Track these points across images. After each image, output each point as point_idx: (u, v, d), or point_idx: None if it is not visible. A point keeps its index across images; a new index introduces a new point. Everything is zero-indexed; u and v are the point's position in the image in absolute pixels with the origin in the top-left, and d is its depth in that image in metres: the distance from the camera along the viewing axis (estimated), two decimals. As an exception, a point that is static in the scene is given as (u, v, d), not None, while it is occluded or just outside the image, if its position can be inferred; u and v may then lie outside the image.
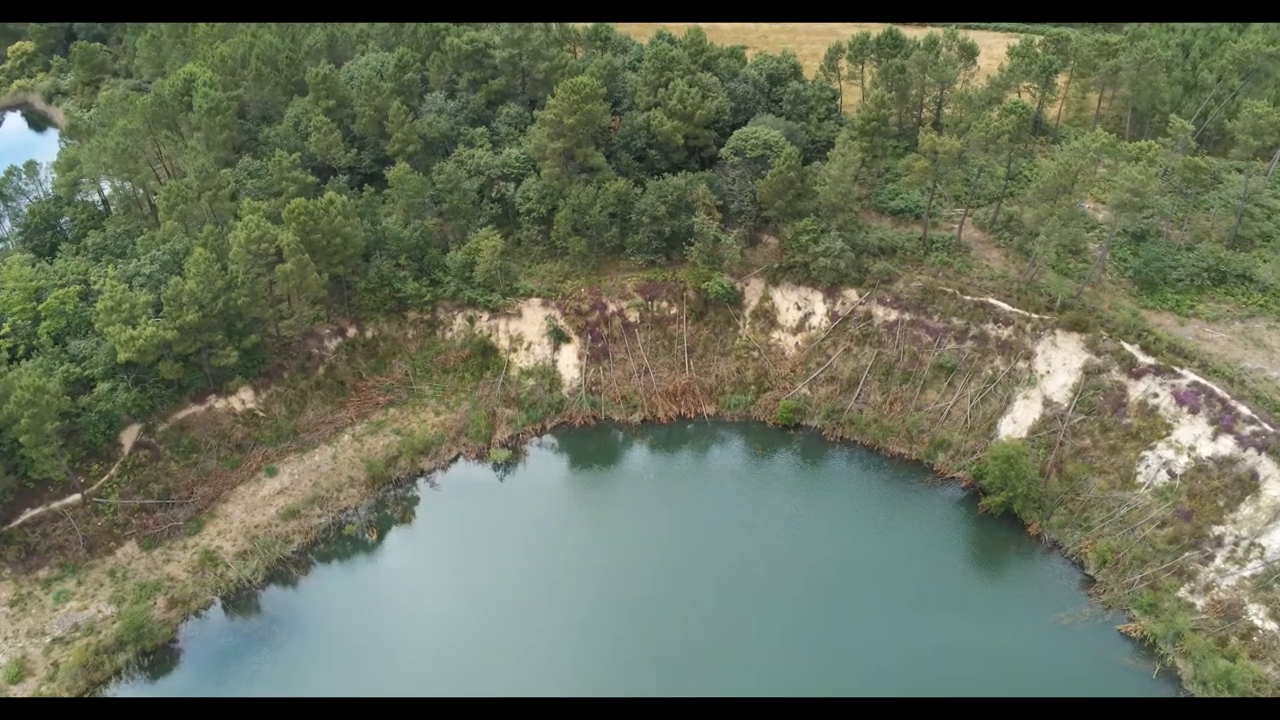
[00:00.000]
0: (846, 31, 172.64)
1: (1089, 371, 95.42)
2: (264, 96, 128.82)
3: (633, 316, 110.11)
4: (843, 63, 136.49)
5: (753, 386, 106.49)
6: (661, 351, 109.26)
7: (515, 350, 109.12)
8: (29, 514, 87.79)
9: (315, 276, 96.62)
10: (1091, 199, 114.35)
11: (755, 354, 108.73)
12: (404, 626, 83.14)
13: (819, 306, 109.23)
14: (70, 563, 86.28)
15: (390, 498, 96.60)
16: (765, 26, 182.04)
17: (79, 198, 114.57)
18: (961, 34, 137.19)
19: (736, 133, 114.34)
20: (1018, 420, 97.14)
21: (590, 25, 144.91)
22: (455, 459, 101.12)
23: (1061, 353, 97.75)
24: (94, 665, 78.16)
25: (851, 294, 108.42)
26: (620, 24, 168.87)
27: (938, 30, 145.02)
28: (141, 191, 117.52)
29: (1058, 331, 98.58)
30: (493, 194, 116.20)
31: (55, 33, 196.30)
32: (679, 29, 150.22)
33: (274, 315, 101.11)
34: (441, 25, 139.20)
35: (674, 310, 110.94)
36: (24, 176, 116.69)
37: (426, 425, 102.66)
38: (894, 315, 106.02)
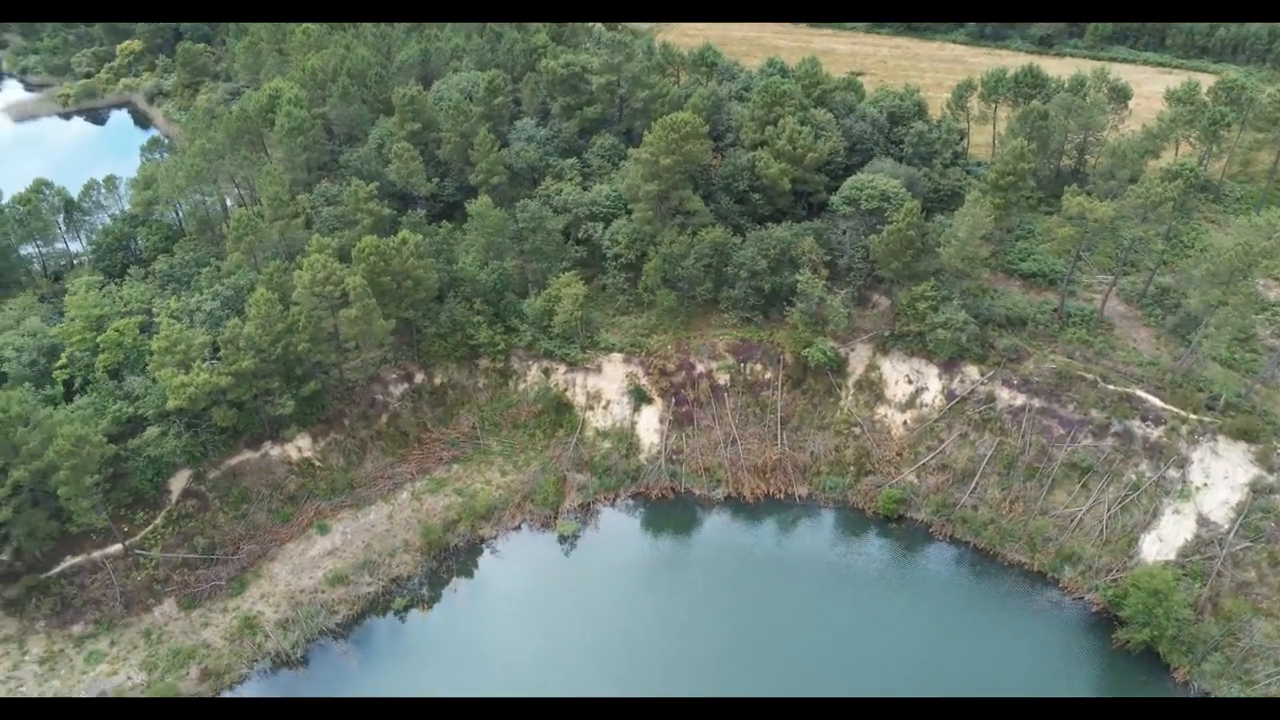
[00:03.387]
0: (976, 61, 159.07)
1: (1257, 490, 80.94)
2: (350, 115, 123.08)
3: (722, 379, 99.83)
4: (973, 101, 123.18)
5: (852, 468, 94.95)
6: (752, 420, 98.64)
7: (592, 408, 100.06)
8: (68, 562, 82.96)
9: (382, 323, 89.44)
10: (1263, 274, 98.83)
11: (857, 431, 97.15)
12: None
13: (933, 382, 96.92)
14: (105, 619, 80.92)
15: (446, 568, 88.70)
16: (885, 50, 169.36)
17: (154, 217, 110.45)
18: (1113, 73, 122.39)
19: (850, 180, 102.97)
20: (1164, 538, 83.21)
21: (696, 49, 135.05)
22: (519, 527, 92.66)
23: (1224, 463, 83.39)
24: (114, 744, 72.07)
25: (972, 371, 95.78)
26: (726, 46, 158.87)
27: (1085, 66, 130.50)
28: (221, 209, 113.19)
29: (1220, 437, 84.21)
30: (579, 234, 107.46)
31: (163, 31, 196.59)
32: (792, 56, 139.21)
33: (337, 359, 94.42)
34: (540, 44, 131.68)
35: (768, 375, 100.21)
36: (103, 191, 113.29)
37: (491, 486, 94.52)
38: (1021, 400, 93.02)
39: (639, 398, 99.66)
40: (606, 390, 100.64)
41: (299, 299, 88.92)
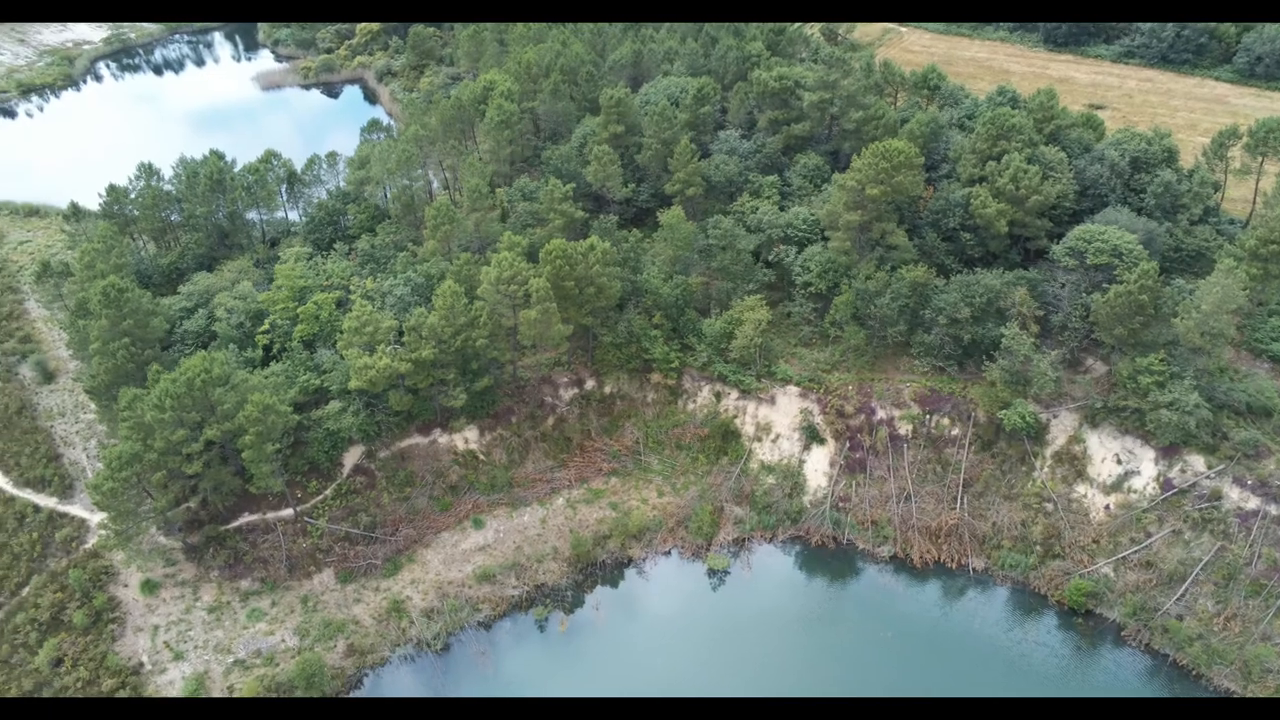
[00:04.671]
0: (1241, 102, 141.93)
1: None
2: (557, 111, 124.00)
3: (904, 429, 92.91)
4: (1235, 150, 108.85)
5: (1038, 547, 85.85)
6: (930, 478, 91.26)
7: (759, 440, 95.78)
8: (245, 519, 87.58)
9: (560, 327, 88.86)
10: None
11: (1049, 507, 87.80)
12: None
13: (1148, 467, 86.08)
14: (270, 579, 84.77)
15: (590, 582, 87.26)
16: (1131, 83, 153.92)
17: (365, 196, 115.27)
18: None
19: (1078, 230, 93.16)
20: None
21: (919, 69, 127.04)
22: (669, 552, 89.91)
23: None
24: (261, 704, 75.11)
25: (1197, 461, 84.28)
26: (952, 67, 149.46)
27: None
28: (426, 194, 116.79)
29: None
30: (769, 257, 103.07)
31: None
32: (1024, 83, 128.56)
33: (513, 357, 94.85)
34: (754, 53, 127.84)
35: (955, 431, 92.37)
36: (324, 166, 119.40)
37: (646, 506, 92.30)
38: (1254, 503, 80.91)
39: (811, 436, 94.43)
40: (777, 423, 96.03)
41: (484, 294, 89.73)
